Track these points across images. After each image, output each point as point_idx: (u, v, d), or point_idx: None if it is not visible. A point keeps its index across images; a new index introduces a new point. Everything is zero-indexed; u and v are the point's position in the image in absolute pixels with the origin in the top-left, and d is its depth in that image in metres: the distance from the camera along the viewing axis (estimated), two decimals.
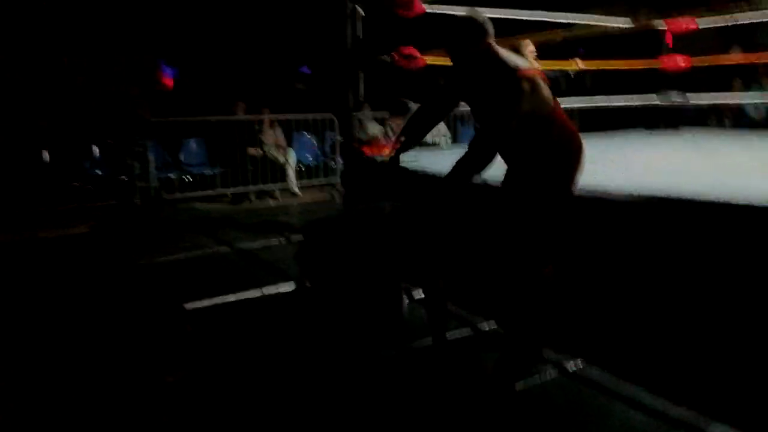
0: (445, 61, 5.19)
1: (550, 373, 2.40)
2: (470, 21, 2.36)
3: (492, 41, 2.35)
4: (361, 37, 4.71)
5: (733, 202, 2.34)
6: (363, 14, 4.62)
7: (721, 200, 2.38)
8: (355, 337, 2.71)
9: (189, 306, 3.34)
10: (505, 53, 2.34)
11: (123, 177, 6.53)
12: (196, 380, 2.47)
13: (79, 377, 2.51)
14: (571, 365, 2.44)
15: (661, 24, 6.51)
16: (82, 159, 6.74)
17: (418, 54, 4.60)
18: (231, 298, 3.48)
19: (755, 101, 7.36)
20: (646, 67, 6.46)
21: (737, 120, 8.02)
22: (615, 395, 2.20)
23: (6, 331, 3.08)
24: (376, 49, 4.75)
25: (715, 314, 2.31)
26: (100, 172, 6.78)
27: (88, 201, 6.29)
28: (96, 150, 6.87)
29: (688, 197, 2.50)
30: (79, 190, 6.42)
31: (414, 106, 4.76)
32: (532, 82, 2.26)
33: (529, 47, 4.39)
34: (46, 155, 6.45)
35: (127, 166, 6.46)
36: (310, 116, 7.67)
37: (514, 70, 2.24)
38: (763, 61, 7.09)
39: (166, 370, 2.56)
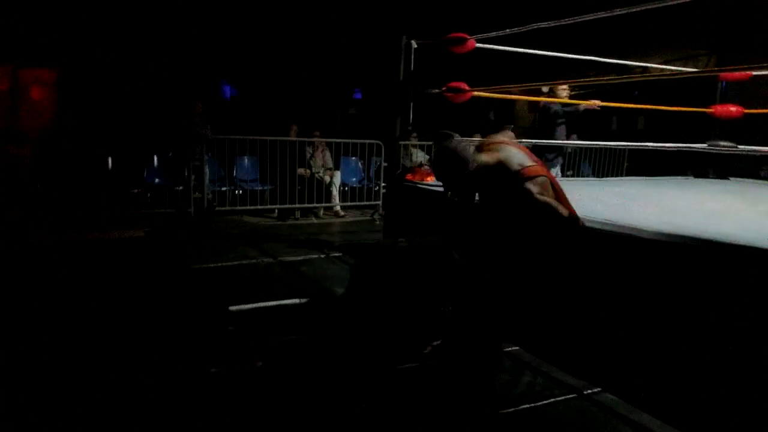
0: (493, 94, 5.39)
1: (568, 395, 2.49)
2: (451, 155, 2.62)
3: (472, 166, 2.59)
4: (413, 69, 4.96)
5: (761, 245, 2.39)
6: (416, 47, 4.88)
7: (750, 244, 2.43)
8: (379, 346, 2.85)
9: (233, 308, 3.57)
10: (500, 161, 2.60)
11: (180, 187, 6.93)
12: (235, 372, 2.66)
13: (132, 364, 2.74)
14: (587, 390, 2.52)
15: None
16: (142, 168, 7.20)
17: (466, 87, 4.80)
18: (271, 303, 3.69)
19: None
20: (697, 112, 6.45)
21: None
22: (626, 420, 2.27)
23: (70, 320, 3.37)
24: (427, 80, 4.98)
25: (727, 348, 2.34)
26: (158, 181, 7.21)
27: (145, 208, 6.70)
28: (156, 160, 7.33)
29: (718, 239, 2.56)
30: (138, 197, 6.85)
31: (458, 137, 4.97)
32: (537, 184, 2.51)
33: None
34: (110, 163, 6.92)
35: (185, 177, 6.86)
36: (358, 141, 7.95)
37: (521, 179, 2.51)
38: None
39: (209, 362, 2.77)
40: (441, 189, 4.60)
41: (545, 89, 10.99)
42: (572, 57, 5.08)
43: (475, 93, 4.88)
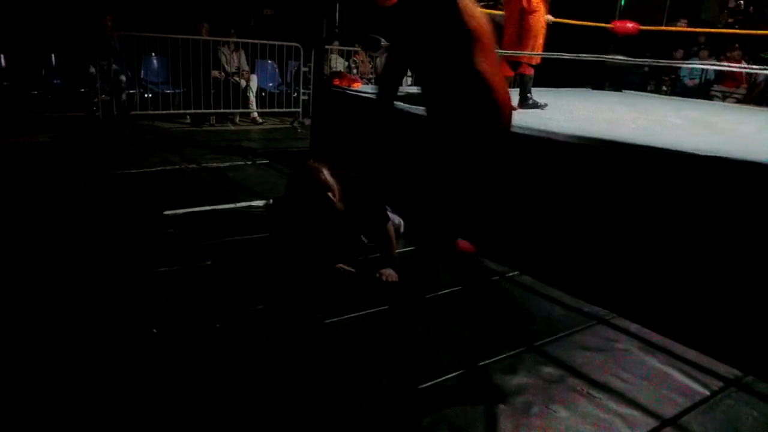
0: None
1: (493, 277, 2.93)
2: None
3: None
4: None
5: (653, 145, 2.85)
6: None
7: (644, 144, 2.89)
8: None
9: (168, 212, 3.61)
10: None
11: (84, 89, 6.48)
12: (185, 271, 2.80)
13: (79, 266, 2.78)
14: (508, 273, 3.00)
15: None
16: (40, 67, 6.59)
17: None
18: (206, 208, 3.76)
19: (693, 64, 8.13)
20: (596, 26, 6.87)
21: (674, 87, 8.74)
22: (540, 294, 2.76)
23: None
24: None
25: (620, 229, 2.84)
26: (59, 82, 6.67)
27: (48, 111, 6.24)
28: (54, 59, 6.72)
29: (619, 141, 3.01)
30: (39, 99, 6.34)
31: (384, 42, 5.02)
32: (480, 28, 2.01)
33: None
34: (2, 60, 6.28)
35: (89, 78, 6.39)
36: (276, 43, 7.68)
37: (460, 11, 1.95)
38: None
39: (157, 262, 2.87)
40: (371, 95, 4.73)
41: None
42: None
43: None
